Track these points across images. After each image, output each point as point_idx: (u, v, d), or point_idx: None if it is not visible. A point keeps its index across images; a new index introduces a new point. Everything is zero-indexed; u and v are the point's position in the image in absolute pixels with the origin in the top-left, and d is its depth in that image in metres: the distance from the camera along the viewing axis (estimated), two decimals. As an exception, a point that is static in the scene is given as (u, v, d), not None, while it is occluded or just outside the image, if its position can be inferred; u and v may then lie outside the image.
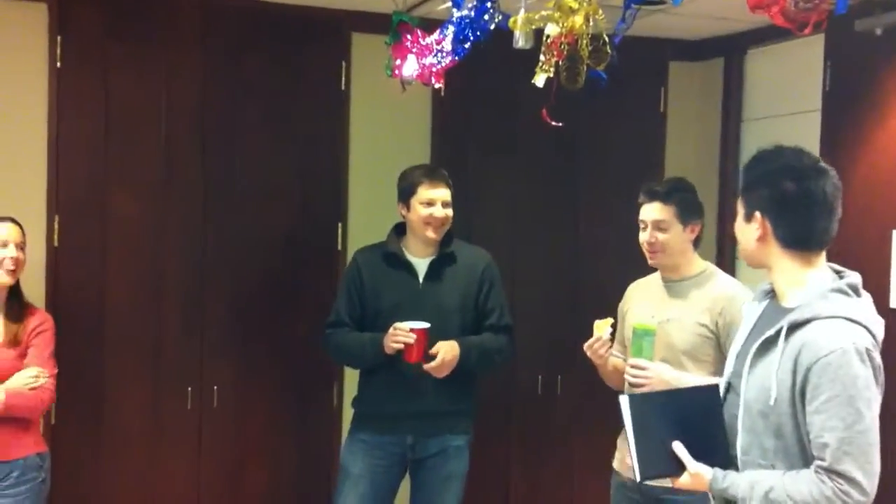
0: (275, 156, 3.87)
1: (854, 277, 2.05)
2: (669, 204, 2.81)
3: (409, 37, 3.12)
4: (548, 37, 2.38)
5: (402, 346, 3.00)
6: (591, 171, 4.21)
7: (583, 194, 4.22)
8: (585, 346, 2.82)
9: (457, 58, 2.89)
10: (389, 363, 3.08)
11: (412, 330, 2.99)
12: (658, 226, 2.81)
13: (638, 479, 2.09)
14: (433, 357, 3.03)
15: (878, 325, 2.00)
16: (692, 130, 4.38)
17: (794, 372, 1.94)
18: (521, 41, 2.71)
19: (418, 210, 3.13)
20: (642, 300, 2.94)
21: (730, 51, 4.26)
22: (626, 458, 2.84)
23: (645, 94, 4.31)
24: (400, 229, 3.25)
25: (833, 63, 3.71)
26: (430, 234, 3.14)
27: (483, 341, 3.19)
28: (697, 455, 2.04)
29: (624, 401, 2.08)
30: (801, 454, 1.96)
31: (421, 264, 3.18)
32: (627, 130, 4.27)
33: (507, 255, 4.12)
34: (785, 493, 1.92)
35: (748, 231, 2.07)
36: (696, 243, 2.87)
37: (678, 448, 2.03)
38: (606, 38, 2.41)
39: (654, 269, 2.96)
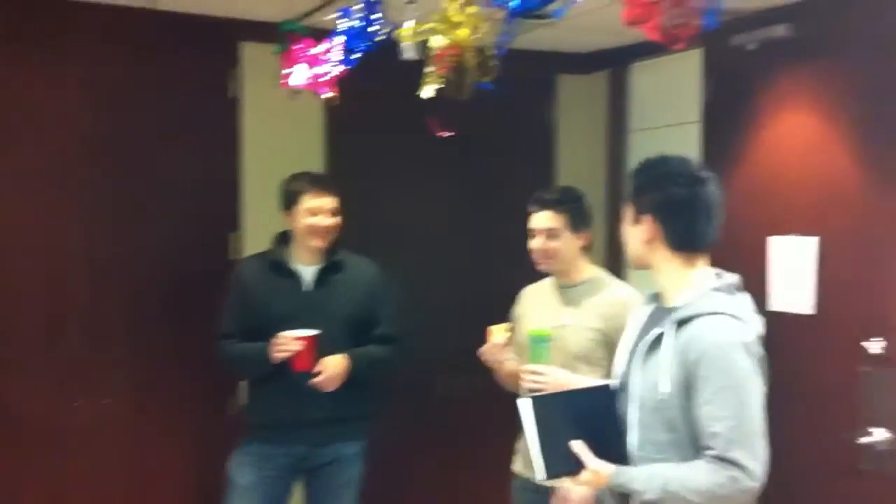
0: (166, 164, 3.78)
1: (733, 278, 2.16)
2: (560, 212, 2.88)
3: (298, 46, 3.12)
4: (433, 49, 2.41)
5: (288, 354, 2.97)
6: (485, 179, 4.27)
7: (477, 202, 4.27)
8: (481, 350, 2.86)
9: (346, 67, 2.90)
10: (281, 373, 3.04)
11: (299, 338, 2.96)
12: (549, 233, 2.88)
13: (540, 478, 2.14)
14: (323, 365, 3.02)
15: (758, 321, 2.12)
16: (581, 141, 4.49)
17: (682, 366, 2.02)
18: (408, 52, 2.74)
19: (303, 219, 3.10)
20: (537, 306, 2.99)
21: (615, 64, 4.39)
22: (526, 460, 2.89)
23: (535, 106, 4.40)
24: (285, 237, 3.21)
25: (711, 77, 3.87)
26: (316, 243, 3.12)
27: (370, 352, 3.18)
28: (596, 453, 2.10)
29: (524, 403, 2.13)
30: (693, 446, 2.03)
31: (308, 272, 3.15)
32: (519, 140, 4.35)
33: (404, 263, 4.13)
34: (680, 484, 2.00)
35: (637, 233, 2.15)
36: (587, 250, 2.95)
37: (578, 447, 2.08)
38: (492, 51, 2.45)
39: (541, 276, 3.02)
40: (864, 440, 3.14)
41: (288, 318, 3.05)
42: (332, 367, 3.04)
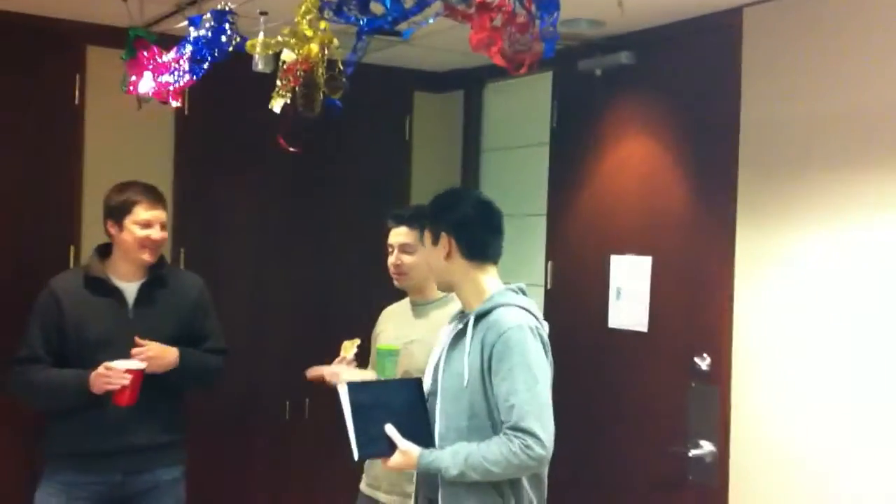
0: (2, 171, 3.62)
1: (521, 284, 2.49)
2: (415, 228, 2.92)
3: (145, 53, 3.04)
4: (284, 62, 2.39)
5: (114, 387, 2.78)
6: (340, 195, 4.27)
7: (331, 218, 4.26)
8: (309, 370, 2.90)
9: (194, 77, 2.84)
10: (94, 402, 2.84)
11: (128, 371, 2.78)
12: (404, 249, 2.93)
13: (356, 458, 2.35)
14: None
15: (540, 316, 2.45)
16: (436, 158, 4.54)
17: (482, 350, 2.32)
18: (259, 65, 2.72)
19: (134, 231, 2.90)
20: (392, 323, 3.04)
21: (470, 84, 4.48)
22: (375, 479, 2.91)
23: (391, 122, 4.43)
24: (103, 251, 2.99)
25: (559, 100, 4.00)
26: (146, 256, 2.93)
27: (197, 354, 3.03)
28: (407, 439, 2.34)
29: (343, 388, 2.36)
30: (494, 429, 2.30)
31: (129, 289, 2.95)
32: (374, 156, 4.37)
33: (253, 279, 4.09)
34: (480, 456, 2.25)
35: (437, 253, 2.47)
36: None
37: (390, 430, 2.33)
38: (342, 67, 2.46)
39: (397, 292, 3.06)
40: (691, 453, 3.30)
41: (108, 341, 2.86)
42: (157, 348, 2.88)
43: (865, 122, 2.88)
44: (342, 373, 2.82)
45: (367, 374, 2.88)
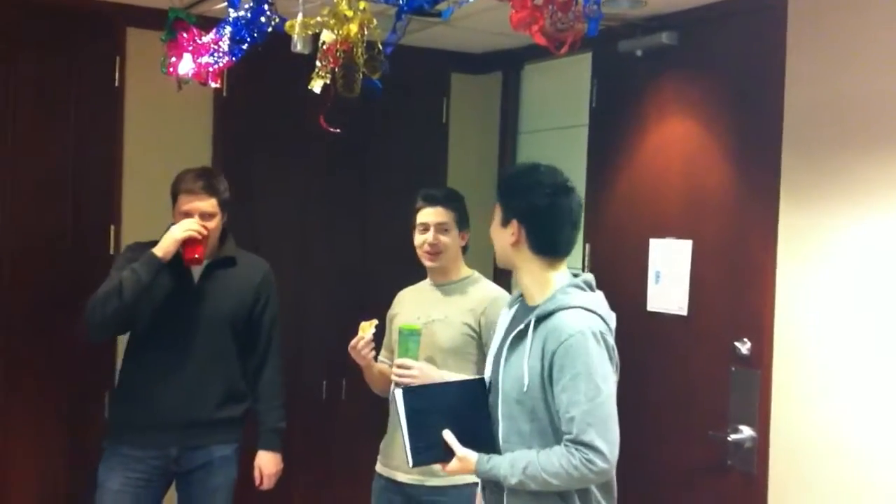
0: (44, 154, 3.65)
1: (588, 276, 2.33)
2: (450, 209, 2.96)
3: (185, 35, 3.05)
4: (323, 43, 2.39)
5: (193, 235, 2.92)
6: (377, 177, 4.26)
7: (368, 199, 4.26)
8: (350, 346, 2.86)
9: (233, 58, 2.84)
10: (153, 372, 2.97)
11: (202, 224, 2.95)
12: (441, 228, 2.93)
13: (411, 465, 2.27)
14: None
15: (610, 316, 2.30)
16: (473, 140, 4.53)
17: (542, 357, 2.18)
18: (298, 45, 2.71)
19: (177, 219, 3.01)
20: (411, 304, 3.03)
21: (508, 65, 4.44)
22: (392, 459, 2.91)
23: (428, 104, 4.41)
24: None
25: (599, 81, 3.96)
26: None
27: (271, 384, 3.18)
28: (465, 444, 2.23)
29: (398, 393, 2.28)
30: (555, 435, 2.18)
31: (196, 267, 3.06)
32: (411, 138, 4.35)
33: (293, 259, 4.09)
34: (539, 467, 2.14)
35: (504, 235, 2.31)
36: (464, 250, 3.02)
37: (448, 436, 2.23)
38: (381, 47, 2.45)
39: (422, 275, 3.06)
40: (731, 437, 3.27)
41: (167, 311, 2.98)
42: (266, 467, 3.13)
43: None
44: (424, 371, 2.72)
45: (447, 375, 2.74)
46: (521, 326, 2.25)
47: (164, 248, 2.92)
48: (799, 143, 3.14)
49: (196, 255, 2.95)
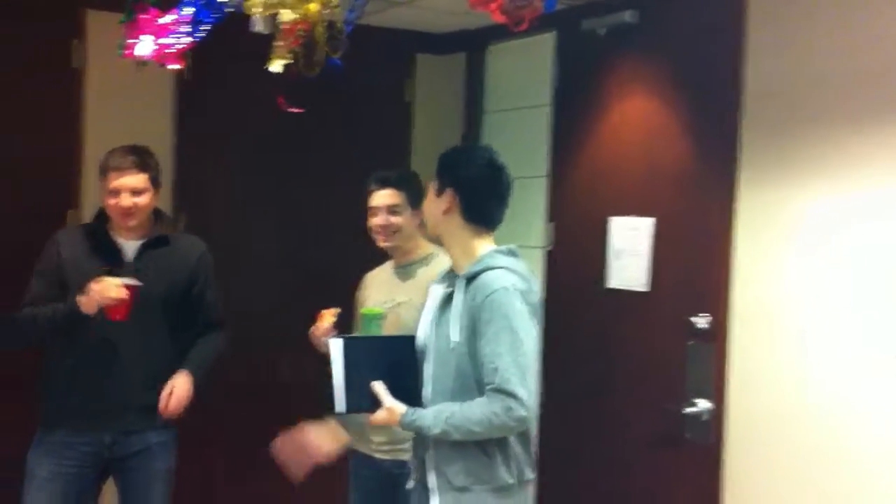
0: (2, 137, 3.61)
1: (512, 246, 2.48)
2: (401, 189, 3.00)
3: (145, 15, 3.01)
4: (283, 22, 2.38)
5: (109, 301, 2.78)
6: (338, 157, 4.24)
7: (330, 180, 4.23)
8: (310, 332, 2.90)
9: (193, 39, 2.82)
10: (83, 355, 2.89)
11: (125, 286, 2.79)
12: (391, 210, 2.97)
13: (342, 411, 2.42)
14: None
15: (534, 279, 2.46)
16: (437, 121, 4.52)
17: (469, 313, 2.33)
18: (258, 25, 2.70)
19: (106, 197, 2.95)
20: (376, 289, 3.06)
21: (472, 45, 4.44)
22: (362, 438, 2.92)
23: (392, 84, 4.40)
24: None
25: (562, 61, 3.97)
26: (120, 222, 2.97)
27: (203, 354, 3.08)
28: (396, 396, 2.37)
29: (335, 342, 2.39)
30: (480, 391, 2.32)
31: (129, 247, 2.99)
32: (374, 119, 4.34)
33: (246, 241, 4.04)
34: (463, 416, 2.29)
35: (438, 204, 2.46)
36: (422, 228, 3.00)
37: (378, 386, 2.37)
38: (342, 26, 2.44)
39: (387, 257, 3.07)
40: (688, 410, 3.31)
41: None
42: (179, 387, 2.95)
43: (872, 80, 2.85)
44: None
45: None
46: (451, 288, 2.40)
47: (92, 306, 2.80)
48: (760, 120, 3.17)
49: (118, 318, 2.83)
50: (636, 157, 3.62)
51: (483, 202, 2.44)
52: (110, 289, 2.78)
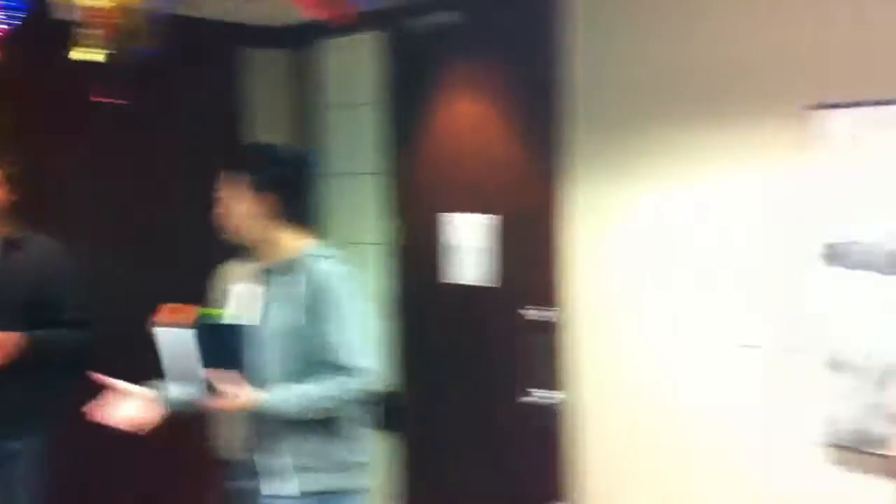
0: None
1: (332, 243, 2.65)
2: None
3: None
4: (88, 9, 2.34)
5: None
6: (168, 152, 4.15)
7: (160, 176, 4.15)
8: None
9: (6, 27, 2.75)
10: None
11: None
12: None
13: (170, 397, 2.45)
14: None
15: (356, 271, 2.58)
16: (269, 116, 4.47)
17: (310, 297, 2.43)
18: (60, 12, 2.63)
19: None
20: (235, 297, 2.94)
21: (306, 40, 4.40)
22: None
23: (223, 78, 4.34)
24: None
25: (391, 59, 4.01)
26: None
27: (49, 334, 2.97)
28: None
29: (159, 331, 2.41)
30: (323, 369, 2.41)
31: None
32: (205, 114, 4.25)
33: (87, 243, 3.92)
34: (306, 394, 2.40)
35: (253, 204, 2.50)
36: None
37: (209, 374, 2.37)
38: (154, 15, 2.43)
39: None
40: (533, 401, 3.44)
41: None
42: (5, 338, 2.83)
43: (701, 79, 2.95)
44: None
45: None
46: (287, 276, 2.48)
47: None
48: (589, 117, 3.26)
49: None
50: (472, 155, 3.69)
51: (299, 202, 2.56)
52: None
